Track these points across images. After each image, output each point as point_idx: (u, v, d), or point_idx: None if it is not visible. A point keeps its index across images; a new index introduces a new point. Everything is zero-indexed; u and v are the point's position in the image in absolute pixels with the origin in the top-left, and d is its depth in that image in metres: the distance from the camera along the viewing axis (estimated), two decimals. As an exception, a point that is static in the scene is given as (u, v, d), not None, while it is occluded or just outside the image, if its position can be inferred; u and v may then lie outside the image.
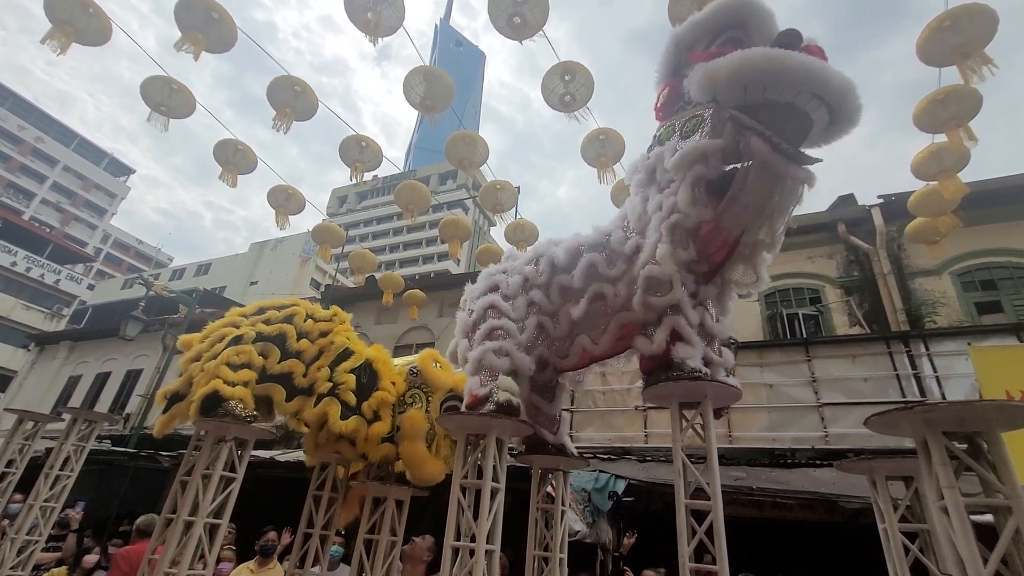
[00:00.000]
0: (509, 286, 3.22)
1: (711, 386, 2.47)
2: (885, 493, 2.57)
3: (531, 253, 3.40)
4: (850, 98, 2.27)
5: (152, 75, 5.52)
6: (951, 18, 4.49)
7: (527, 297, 3.16)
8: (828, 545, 6.00)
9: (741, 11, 2.50)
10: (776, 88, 2.25)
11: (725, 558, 2.23)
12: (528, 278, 3.22)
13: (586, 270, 2.96)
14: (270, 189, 7.10)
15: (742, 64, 2.26)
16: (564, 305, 3.06)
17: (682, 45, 2.73)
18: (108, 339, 15.75)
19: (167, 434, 3.64)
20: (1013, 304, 7.57)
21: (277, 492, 7.33)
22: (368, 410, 3.72)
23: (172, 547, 3.08)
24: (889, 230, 8.41)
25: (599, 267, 2.92)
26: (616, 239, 2.95)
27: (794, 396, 7.26)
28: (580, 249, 3.06)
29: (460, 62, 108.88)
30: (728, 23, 2.55)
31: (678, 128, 2.74)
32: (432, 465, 3.71)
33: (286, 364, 3.68)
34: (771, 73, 2.23)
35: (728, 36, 2.55)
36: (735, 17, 2.53)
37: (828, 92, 2.24)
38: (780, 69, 2.21)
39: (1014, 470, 1.67)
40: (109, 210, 53.18)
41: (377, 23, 4.96)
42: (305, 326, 3.84)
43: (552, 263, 3.14)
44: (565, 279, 3.06)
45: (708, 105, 2.58)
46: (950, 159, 5.36)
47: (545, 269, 3.16)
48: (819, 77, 2.20)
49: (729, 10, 2.53)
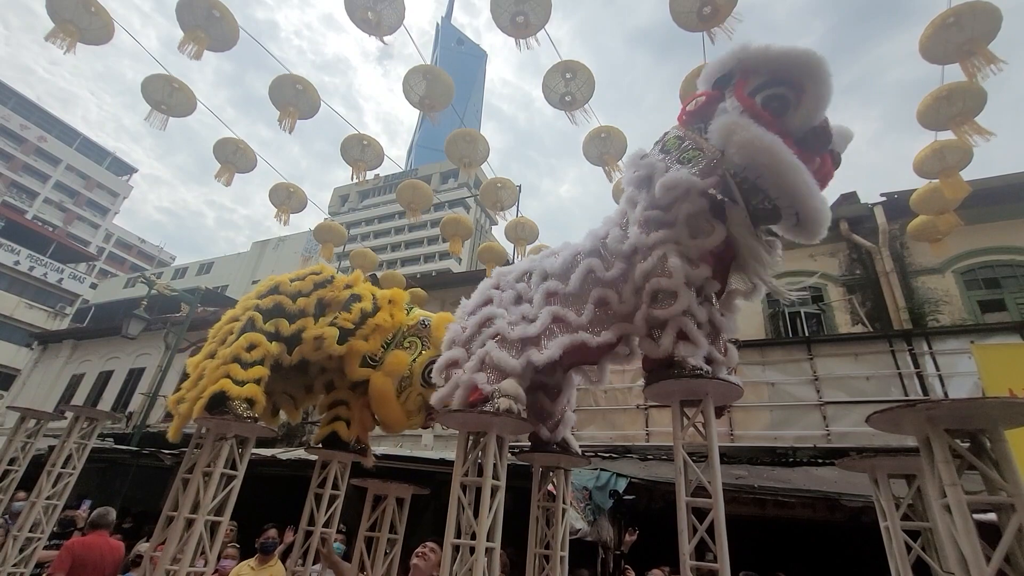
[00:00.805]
0: (503, 301, 3.21)
1: (712, 384, 2.46)
2: (887, 491, 2.56)
3: (519, 270, 3.37)
4: (820, 227, 2.50)
5: (153, 73, 5.53)
6: (955, 15, 4.47)
7: (520, 310, 3.13)
8: (830, 544, 5.99)
9: (808, 75, 2.46)
10: (774, 191, 2.45)
11: (726, 556, 2.23)
12: (521, 295, 3.20)
13: (584, 276, 2.94)
14: (272, 187, 7.11)
15: (770, 157, 2.39)
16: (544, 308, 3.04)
17: (741, 67, 2.62)
18: (111, 338, 15.80)
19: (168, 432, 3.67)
20: (1017, 302, 7.54)
21: (279, 490, 7.35)
22: (360, 335, 3.83)
23: (173, 544, 3.09)
24: (892, 228, 8.38)
25: (597, 272, 2.90)
26: (614, 238, 2.92)
27: (796, 395, 7.25)
28: (577, 258, 3.04)
29: (462, 61, 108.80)
30: (790, 78, 2.49)
31: (680, 148, 2.76)
32: (395, 408, 3.71)
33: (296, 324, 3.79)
34: (779, 180, 2.41)
35: (778, 95, 2.51)
36: (800, 77, 2.47)
37: (805, 212, 2.45)
38: (791, 186, 2.40)
39: (1017, 468, 1.66)
40: (112, 209, 53.33)
41: (377, 22, 4.96)
42: (293, 287, 3.93)
43: (544, 273, 3.13)
44: (554, 285, 3.04)
45: (717, 151, 2.60)
46: (953, 157, 5.33)
47: (536, 281, 3.15)
48: (808, 203, 2.42)
49: (799, 66, 2.47)
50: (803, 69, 2.46)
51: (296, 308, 3.87)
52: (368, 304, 3.97)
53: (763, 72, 2.55)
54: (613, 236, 2.94)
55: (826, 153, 2.58)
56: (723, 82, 2.71)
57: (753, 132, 2.41)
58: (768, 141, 2.39)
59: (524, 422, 2.78)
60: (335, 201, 67.18)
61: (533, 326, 2.95)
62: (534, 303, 3.08)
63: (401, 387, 3.77)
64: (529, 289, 3.18)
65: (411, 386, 3.76)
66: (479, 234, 48.92)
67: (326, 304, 3.93)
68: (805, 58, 2.45)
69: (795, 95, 2.49)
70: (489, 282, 3.44)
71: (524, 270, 3.33)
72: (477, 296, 3.36)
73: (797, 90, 2.48)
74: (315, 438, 4.23)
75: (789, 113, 2.50)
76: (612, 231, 2.98)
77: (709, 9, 4.19)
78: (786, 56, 2.48)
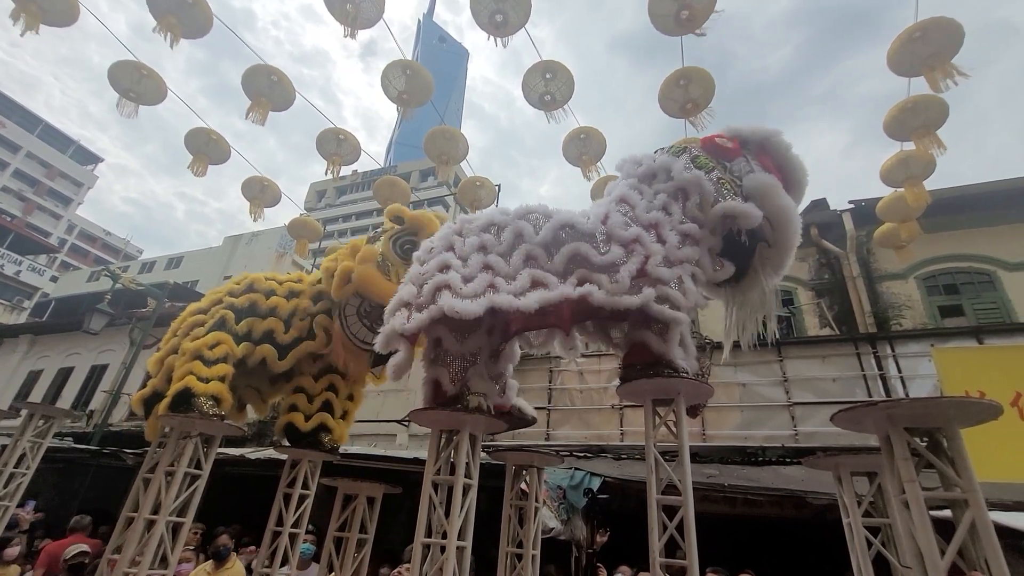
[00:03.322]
0: (465, 246, 3.05)
1: (684, 383, 2.50)
2: (850, 488, 2.64)
3: (484, 219, 3.18)
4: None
5: (121, 59, 5.33)
6: (921, 30, 4.64)
7: (484, 259, 2.94)
8: (797, 541, 6.14)
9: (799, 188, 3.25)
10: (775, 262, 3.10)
11: (695, 552, 2.26)
12: (485, 245, 3.01)
13: (570, 257, 2.83)
14: (244, 180, 6.94)
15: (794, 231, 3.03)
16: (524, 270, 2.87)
17: (767, 148, 3.22)
18: (72, 333, 15.17)
19: (133, 431, 3.57)
20: (974, 308, 7.87)
21: (248, 491, 7.17)
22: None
23: (132, 546, 2.98)
24: (859, 235, 8.64)
25: (591, 257, 2.79)
26: (615, 222, 2.87)
27: (766, 395, 7.41)
28: (561, 233, 2.92)
29: (443, 59, 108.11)
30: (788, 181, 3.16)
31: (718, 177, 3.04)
32: (387, 285, 3.61)
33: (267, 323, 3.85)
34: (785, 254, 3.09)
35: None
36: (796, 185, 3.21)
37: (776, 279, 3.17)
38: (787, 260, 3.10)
39: (971, 465, 1.73)
40: (75, 199, 51.28)
41: (356, 15, 4.89)
42: (267, 285, 4.02)
43: (519, 234, 2.97)
44: (536, 251, 2.90)
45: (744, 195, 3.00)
46: (917, 167, 5.54)
47: (508, 239, 2.98)
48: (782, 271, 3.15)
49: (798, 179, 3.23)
50: (798, 182, 3.20)
51: (268, 306, 3.84)
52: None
53: (780, 161, 3.19)
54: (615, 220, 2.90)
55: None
56: (749, 144, 3.22)
57: (790, 203, 3.02)
58: (798, 218, 3.01)
59: (497, 420, 2.77)
60: (312, 196, 65.93)
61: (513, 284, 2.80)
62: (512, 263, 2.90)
63: (386, 269, 3.74)
64: (497, 242, 3.00)
65: (393, 263, 3.76)
66: (458, 233, 48.50)
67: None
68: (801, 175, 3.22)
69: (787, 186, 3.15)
70: (452, 227, 3.25)
71: (490, 221, 3.14)
72: (439, 239, 3.18)
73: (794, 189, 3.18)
74: (275, 429, 4.17)
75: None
76: (613, 215, 2.94)
77: (686, 14, 4.26)
78: (792, 162, 3.21)
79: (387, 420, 9.41)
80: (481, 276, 2.82)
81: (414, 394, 9.60)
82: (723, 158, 3.10)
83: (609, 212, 2.96)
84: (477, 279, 2.80)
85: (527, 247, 2.89)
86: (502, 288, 2.75)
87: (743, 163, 3.10)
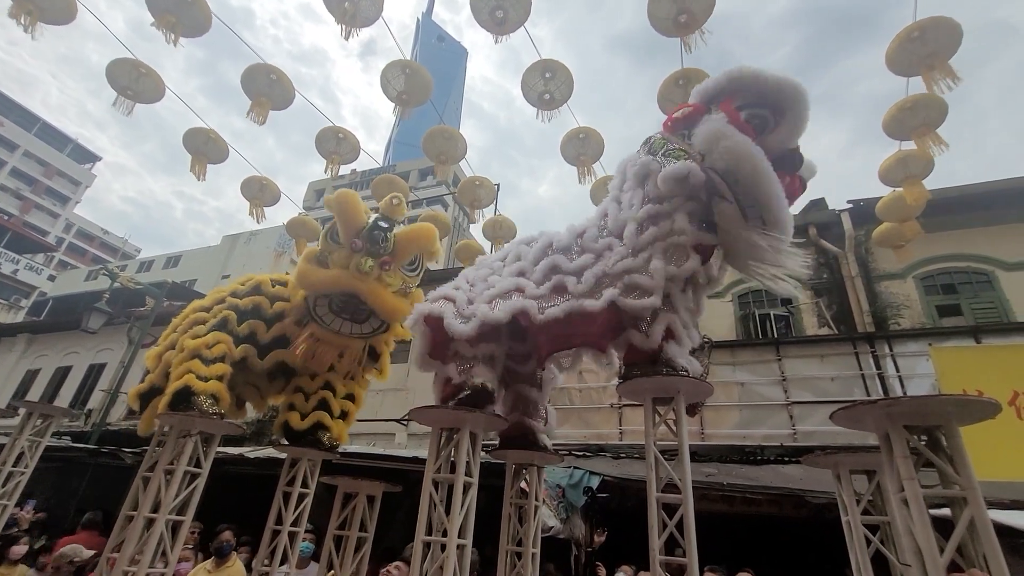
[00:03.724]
0: (477, 280, 3.35)
1: (684, 382, 2.51)
2: (849, 487, 2.64)
3: (497, 255, 3.55)
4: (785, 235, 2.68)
5: (119, 57, 5.32)
6: (919, 29, 4.65)
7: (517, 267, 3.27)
8: (796, 539, 6.16)
9: (792, 102, 2.70)
10: (746, 198, 2.60)
11: (695, 550, 2.26)
12: (493, 271, 3.35)
13: (547, 271, 3.03)
14: (244, 180, 6.93)
15: (752, 165, 2.54)
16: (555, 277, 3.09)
17: (732, 85, 2.83)
18: (69, 332, 15.14)
19: (131, 430, 3.58)
20: (971, 307, 7.89)
21: (247, 489, 7.17)
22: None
23: (131, 545, 2.98)
24: (857, 234, 8.66)
25: (561, 266, 2.99)
26: (589, 236, 3.03)
27: (765, 394, 7.43)
28: (547, 251, 3.15)
29: (442, 57, 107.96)
30: (774, 102, 2.71)
31: (665, 149, 2.88)
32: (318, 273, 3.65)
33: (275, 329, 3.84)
34: (755, 187, 2.56)
35: (761, 115, 2.73)
36: (784, 103, 2.71)
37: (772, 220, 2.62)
38: (764, 195, 2.56)
39: (970, 463, 1.73)
40: (73, 198, 51.15)
41: (354, 14, 4.88)
42: (274, 291, 3.97)
43: (517, 258, 3.25)
44: (525, 267, 3.16)
45: (698, 154, 2.74)
46: (916, 166, 5.54)
47: (510, 262, 3.29)
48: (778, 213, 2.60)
49: (785, 93, 2.71)
50: (788, 96, 2.69)
51: (273, 312, 3.84)
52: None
53: (752, 92, 2.76)
54: (589, 235, 3.05)
55: (795, 176, 2.79)
56: (712, 98, 2.89)
57: (739, 139, 2.58)
58: (752, 150, 2.56)
59: (497, 418, 2.78)
60: (310, 195, 65.72)
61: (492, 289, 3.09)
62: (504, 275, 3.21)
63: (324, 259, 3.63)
64: (503, 267, 3.32)
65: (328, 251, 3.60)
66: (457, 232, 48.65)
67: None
68: (792, 87, 2.69)
69: (775, 118, 2.71)
70: (468, 269, 3.61)
71: (501, 256, 3.49)
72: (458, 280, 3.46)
73: (778, 114, 2.70)
74: (274, 428, 4.17)
75: (768, 133, 2.71)
76: (589, 230, 3.08)
77: (685, 17, 4.26)
78: (776, 82, 2.71)
79: (386, 419, 9.42)
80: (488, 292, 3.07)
81: (413, 393, 9.60)
82: (685, 127, 2.94)
83: (587, 227, 3.10)
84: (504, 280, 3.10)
85: (519, 264, 3.16)
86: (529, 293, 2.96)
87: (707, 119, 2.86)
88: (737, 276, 9.20)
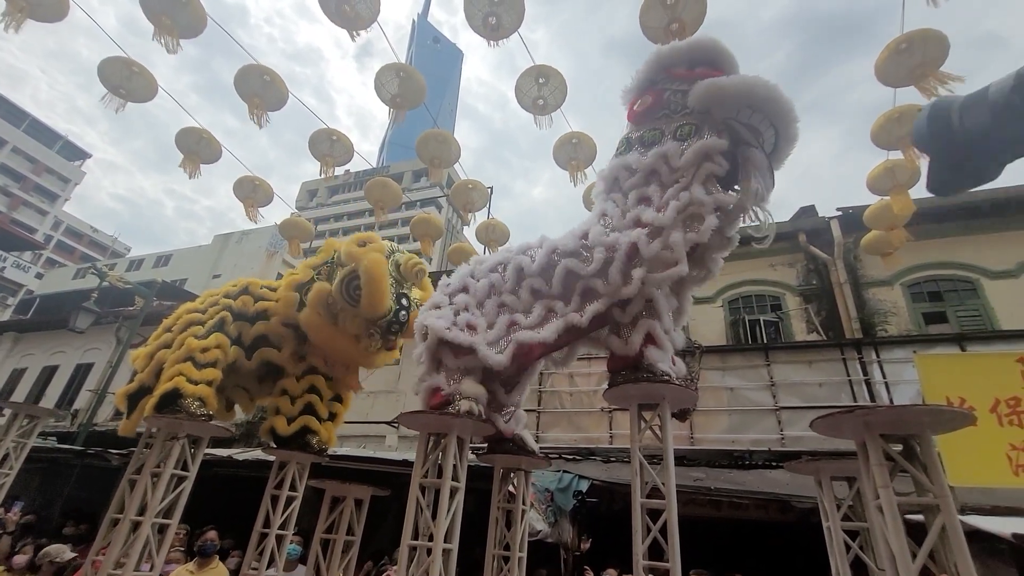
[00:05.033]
0: (477, 292, 3.36)
1: (669, 388, 2.54)
2: (830, 493, 2.68)
3: (493, 261, 3.55)
4: (794, 142, 2.90)
5: (111, 56, 5.29)
6: (907, 41, 4.72)
7: (498, 300, 3.28)
8: (782, 543, 6.21)
9: (717, 51, 3.02)
10: (759, 116, 2.76)
11: (678, 556, 2.29)
12: (494, 284, 3.34)
13: (564, 277, 3.05)
14: (236, 180, 6.90)
15: (750, 87, 2.72)
16: (535, 302, 3.15)
17: (663, 64, 3.12)
18: (57, 331, 14.97)
19: (118, 431, 3.56)
20: (957, 315, 8.00)
21: (236, 492, 7.13)
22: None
23: (117, 548, 2.97)
24: (846, 241, 8.76)
25: (579, 271, 3.01)
26: (596, 234, 3.02)
27: (753, 399, 7.48)
28: (553, 257, 3.15)
29: (437, 59, 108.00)
30: (705, 59, 3.00)
31: (669, 132, 3.00)
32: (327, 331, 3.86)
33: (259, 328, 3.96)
34: (773, 105, 2.74)
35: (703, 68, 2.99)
36: (711, 55, 3.02)
37: (783, 137, 2.84)
38: (776, 99, 2.73)
39: (943, 471, 1.78)
40: (62, 195, 50.60)
41: (352, 16, 4.89)
42: (261, 292, 4.09)
43: (520, 268, 3.25)
44: (536, 283, 3.16)
45: (701, 115, 2.90)
46: (903, 175, 5.63)
47: (511, 275, 3.28)
48: (788, 120, 2.79)
49: (707, 48, 3.05)
50: (708, 48, 3.05)
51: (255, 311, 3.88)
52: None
53: (682, 61, 3.08)
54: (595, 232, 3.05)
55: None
56: (655, 81, 3.14)
57: (741, 79, 2.80)
58: (753, 78, 2.77)
59: (485, 423, 2.79)
60: (303, 196, 65.58)
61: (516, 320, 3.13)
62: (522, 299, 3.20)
63: (334, 311, 3.78)
64: (503, 281, 3.32)
65: (341, 308, 3.73)
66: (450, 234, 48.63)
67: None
68: (706, 40, 3.08)
69: (713, 68, 3.01)
70: (466, 269, 3.61)
71: (498, 261, 3.49)
72: (456, 279, 3.56)
73: (713, 65, 3.02)
74: (261, 432, 4.17)
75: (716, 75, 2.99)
76: (593, 228, 3.09)
77: (676, 26, 4.31)
78: (692, 44, 3.14)
79: (376, 421, 9.39)
80: (500, 319, 3.14)
81: (404, 396, 9.59)
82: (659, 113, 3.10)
83: (590, 228, 3.12)
84: (497, 323, 3.12)
85: (529, 280, 3.17)
86: (521, 323, 3.06)
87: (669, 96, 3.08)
88: (728, 282, 9.32)
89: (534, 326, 3.01)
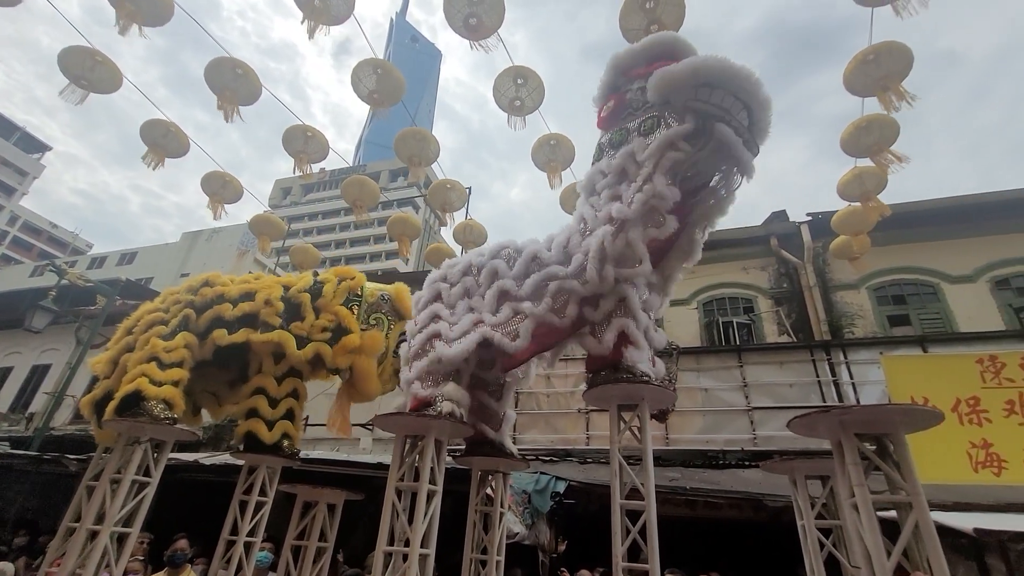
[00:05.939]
0: (451, 296, 3.37)
1: (648, 389, 2.54)
2: (804, 492, 2.73)
3: (464, 263, 3.54)
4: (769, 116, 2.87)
5: (72, 45, 5.06)
6: (874, 53, 4.88)
7: (468, 303, 3.28)
8: (755, 542, 6.32)
9: (673, 44, 3.04)
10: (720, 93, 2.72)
11: (657, 557, 2.29)
12: (468, 288, 3.34)
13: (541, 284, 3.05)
14: (204, 175, 6.69)
15: (698, 66, 2.70)
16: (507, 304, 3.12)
17: (621, 68, 3.17)
18: (11, 331, 14.25)
19: (77, 435, 3.40)
20: (920, 318, 8.29)
21: (204, 497, 6.88)
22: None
23: (72, 559, 2.81)
24: (816, 246, 9.00)
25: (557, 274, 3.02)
26: (575, 244, 3.07)
27: (727, 400, 7.60)
28: (532, 264, 3.17)
29: (415, 59, 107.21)
30: (662, 53, 3.02)
31: (634, 129, 3.02)
32: (375, 384, 4.03)
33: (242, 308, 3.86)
34: (722, 73, 2.69)
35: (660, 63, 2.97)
36: (668, 48, 3.04)
37: (754, 104, 2.78)
38: (729, 70, 2.70)
39: (915, 469, 1.81)
40: (19, 190, 48.41)
41: (324, 11, 4.78)
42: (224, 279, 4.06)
43: (495, 272, 3.26)
44: (508, 284, 3.16)
45: (662, 106, 2.91)
46: (871, 182, 5.82)
47: (485, 280, 3.29)
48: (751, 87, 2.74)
49: (663, 43, 3.08)
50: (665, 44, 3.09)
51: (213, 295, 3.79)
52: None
53: (640, 61, 3.11)
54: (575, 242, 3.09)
55: None
56: (616, 86, 3.18)
57: (687, 60, 2.81)
58: (702, 57, 2.79)
59: (463, 425, 2.75)
60: (276, 194, 64.24)
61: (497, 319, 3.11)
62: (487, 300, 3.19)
63: (379, 361, 4.02)
64: (477, 285, 3.32)
65: (386, 359, 4.03)
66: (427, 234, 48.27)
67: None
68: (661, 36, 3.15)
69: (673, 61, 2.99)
70: (437, 274, 3.59)
71: (469, 263, 3.48)
72: (427, 291, 3.54)
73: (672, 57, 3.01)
74: (236, 435, 4.02)
75: None
76: (573, 237, 3.13)
77: (656, 28, 4.35)
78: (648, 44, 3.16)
79: (351, 424, 9.21)
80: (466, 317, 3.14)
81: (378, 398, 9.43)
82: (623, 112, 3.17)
83: (570, 235, 3.16)
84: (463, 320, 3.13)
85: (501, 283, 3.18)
86: (488, 322, 3.05)
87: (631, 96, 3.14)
88: (703, 284, 9.47)
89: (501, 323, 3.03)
